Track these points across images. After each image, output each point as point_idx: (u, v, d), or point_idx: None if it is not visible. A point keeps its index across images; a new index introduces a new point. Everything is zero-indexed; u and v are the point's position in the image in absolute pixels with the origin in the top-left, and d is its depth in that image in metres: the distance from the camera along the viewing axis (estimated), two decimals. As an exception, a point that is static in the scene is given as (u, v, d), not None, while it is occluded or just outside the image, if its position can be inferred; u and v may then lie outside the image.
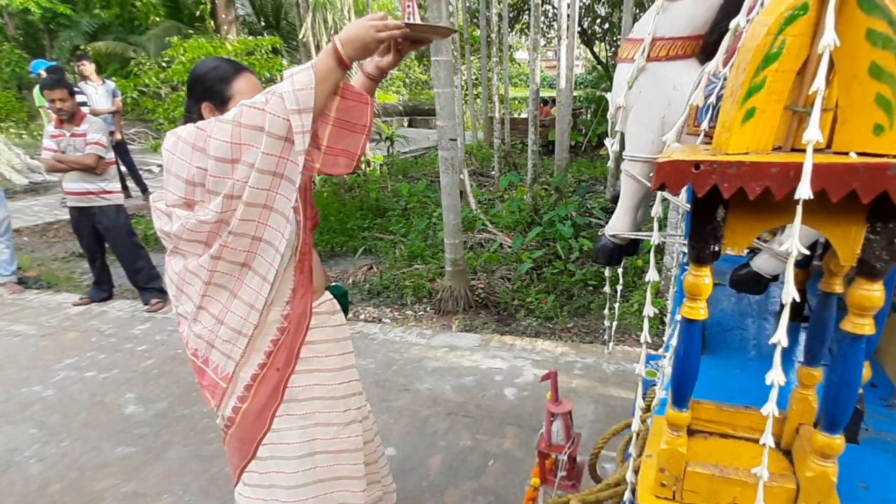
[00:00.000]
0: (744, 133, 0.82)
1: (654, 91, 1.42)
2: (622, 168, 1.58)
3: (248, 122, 1.30)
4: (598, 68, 11.35)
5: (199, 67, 1.55)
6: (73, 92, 4.01)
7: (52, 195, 8.68)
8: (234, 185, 1.34)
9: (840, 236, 0.80)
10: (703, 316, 0.89)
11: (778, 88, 0.82)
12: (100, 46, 14.33)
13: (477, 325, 4.49)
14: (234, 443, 1.62)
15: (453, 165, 4.31)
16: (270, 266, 1.45)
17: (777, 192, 0.75)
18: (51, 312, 4.50)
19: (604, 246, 1.71)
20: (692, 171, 0.77)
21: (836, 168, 0.73)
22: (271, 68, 5.76)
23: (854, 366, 0.84)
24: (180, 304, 1.56)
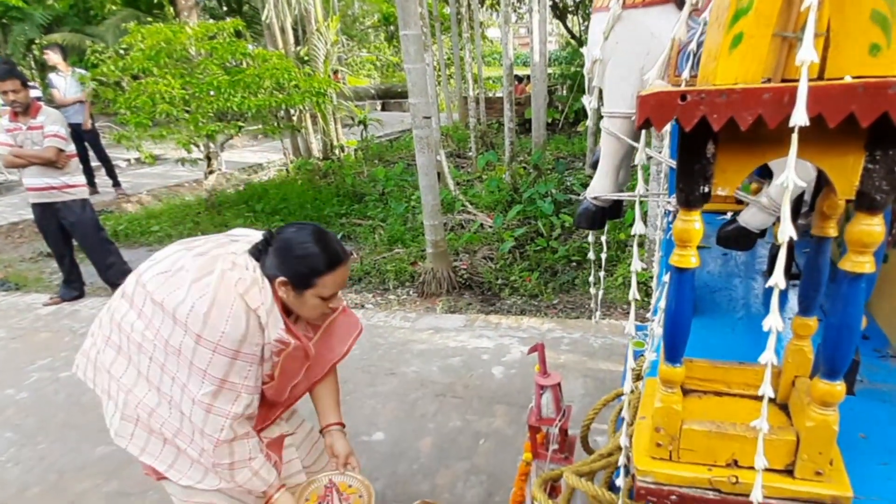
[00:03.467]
0: (731, 62, 0.76)
1: (632, 40, 1.36)
2: (602, 126, 1.53)
3: (216, 449, 1.42)
4: (572, 43, 11.26)
5: (299, 245, 1.44)
6: (25, 83, 3.83)
7: (14, 195, 8.43)
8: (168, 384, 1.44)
9: (837, 168, 0.75)
10: (693, 264, 0.83)
11: (766, 11, 0.76)
12: (55, 39, 13.81)
13: (461, 305, 4.45)
14: None
15: (429, 145, 4.22)
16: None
17: (770, 121, 0.70)
18: (20, 314, 4.35)
19: (586, 209, 1.66)
20: (678, 102, 0.71)
21: (832, 90, 0.68)
22: (234, 52, 5.56)
23: (854, 307, 0.80)
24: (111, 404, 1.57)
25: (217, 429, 1.39)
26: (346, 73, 9.85)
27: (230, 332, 1.34)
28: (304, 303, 1.47)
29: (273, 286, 1.44)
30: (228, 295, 1.35)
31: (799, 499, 0.84)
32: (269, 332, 1.42)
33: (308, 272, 1.43)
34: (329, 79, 6.93)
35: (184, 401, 1.39)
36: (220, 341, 1.34)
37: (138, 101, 5.02)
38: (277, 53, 6.29)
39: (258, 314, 1.38)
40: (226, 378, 1.38)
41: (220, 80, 5.17)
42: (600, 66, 1.44)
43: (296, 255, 1.43)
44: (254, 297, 1.38)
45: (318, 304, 1.48)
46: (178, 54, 5.37)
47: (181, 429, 1.42)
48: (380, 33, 16.36)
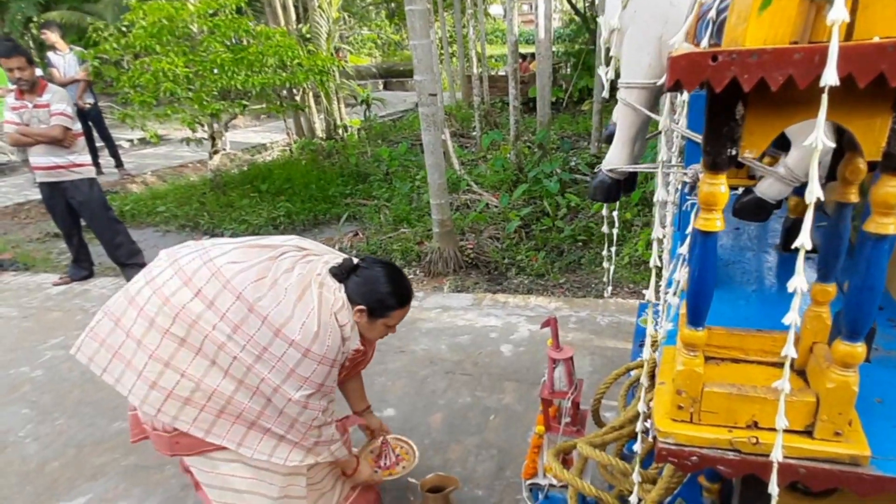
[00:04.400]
0: (761, 24, 0.76)
1: (651, 9, 1.34)
2: (618, 97, 1.52)
3: (312, 434, 1.67)
4: (576, 20, 11.11)
5: (380, 282, 1.72)
6: (31, 60, 3.79)
7: (19, 175, 8.40)
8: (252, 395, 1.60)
9: (865, 129, 0.76)
10: (719, 227, 0.84)
11: (796, -28, 0.76)
12: (54, 16, 13.65)
13: (468, 284, 4.47)
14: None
15: (435, 122, 4.20)
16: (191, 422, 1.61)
17: (801, 81, 0.70)
18: (31, 293, 4.38)
19: (601, 182, 1.65)
20: (709, 63, 0.72)
21: (863, 49, 0.68)
22: (237, 29, 5.49)
23: (878, 269, 0.81)
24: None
25: (310, 419, 1.62)
26: (347, 51, 9.75)
27: (332, 345, 1.58)
28: (374, 328, 1.75)
29: (353, 309, 1.68)
30: (327, 314, 1.59)
31: (818, 458, 0.86)
32: (350, 344, 1.67)
33: (384, 307, 1.72)
34: (332, 57, 6.86)
35: (276, 397, 1.56)
36: (325, 354, 1.57)
37: (142, 79, 4.97)
38: (280, 31, 6.21)
39: (344, 331, 1.63)
40: (323, 383, 1.61)
41: (224, 58, 5.12)
42: (618, 36, 1.43)
43: (377, 292, 1.71)
44: (343, 316, 1.63)
45: (383, 331, 1.79)
46: (181, 31, 5.30)
47: (264, 412, 1.58)
48: (381, 10, 16.14)
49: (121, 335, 1.58)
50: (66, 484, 2.41)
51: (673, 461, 0.92)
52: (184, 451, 1.64)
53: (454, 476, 2.12)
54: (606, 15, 1.44)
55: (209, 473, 1.66)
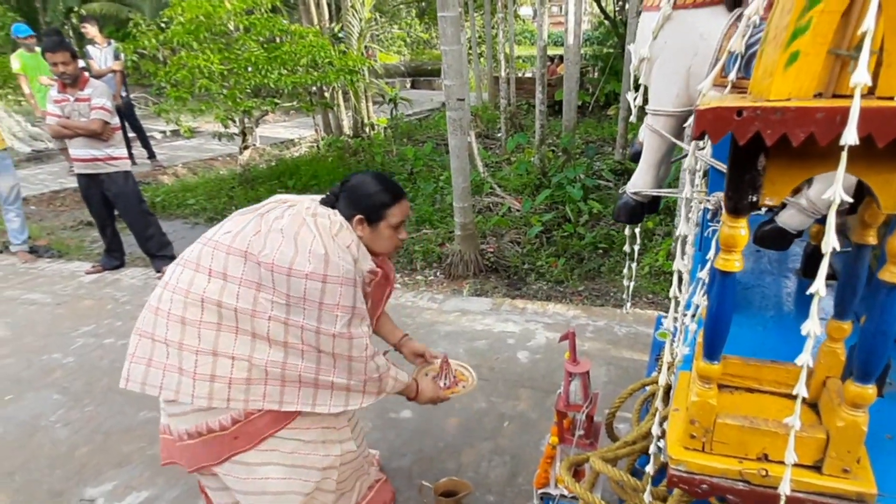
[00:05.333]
0: (786, 78, 0.79)
1: (681, 40, 1.38)
2: (645, 122, 1.55)
3: (355, 366, 1.65)
4: (605, 24, 11.03)
5: (365, 185, 1.70)
6: (75, 55, 3.93)
7: (55, 163, 8.62)
8: (304, 344, 1.60)
9: (883, 184, 0.78)
10: (738, 268, 0.88)
11: (823, 30, 0.78)
12: (94, 8, 13.99)
13: (488, 289, 4.50)
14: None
15: (461, 127, 4.24)
16: (246, 401, 1.63)
17: (822, 139, 0.73)
18: (64, 281, 4.53)
19: (626, 203, 1.69)
20: (734, 118, 0.75)
21: (884, 112, 0.71)
22: (272, 28, 5.60)
23: (891, 316, 0.83)
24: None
25: (362, 348, 1.62)
26: (377, 50, 9.83)
27: (346, 265, 1.55)
28: (379, 235, 1.70)
29: (352, 225, 1.66)
30: (328, 238, 1.57)
31: (825, 494, 0.89)
32: (362, 264, 1.64)
33: (378, 206, 1.67)
34: (363, 57, 6.94)
35: (321, 341, 1.57)
36: (343, 274, 1.54)
37: (178, 75, 5.11)
38: (314, 31, 6.30)
39: (351, 251, 1.60)
40: (354, 304, 1.58)
41: (258, 56, 5.23)
42: (647, 64, 1.46)
43: (367, 195, 1.67)
44: (345, 236, 1.61)
45: (390, 235, 1.72)
46: (217, 29, 5.43)
47: (320, 366, 1.61)
48: (411, 9, 16.22)
49: (161, 347, 1.59)
50: (93, 469, 2.49)
51: (684, 488, 0.96)
52: (240, 446, 1.64)
53: (467, 481, 2.16)
54: (637, 44, 1.48)
55: (245, 480, 1.66)
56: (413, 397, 1.90)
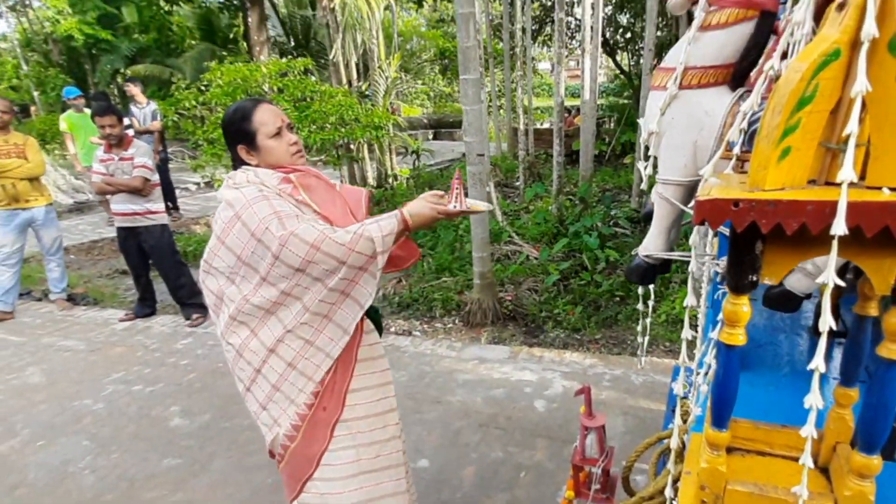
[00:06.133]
0: (780, 170, 0.86)
1: (687, 117, 1.48)
2: (655, 190, 1.63)
3: (326, 250, 1.46)
4: (621, 77, 11.35)
5: (225, 115, 1.69)
6: (121, 118, 4.23)
7: (95, 214, 9.04)
8: (295, 287, 1.51)
9: (875, 267, 0.84)
10: (741, 342, 0.93)
11: (812, 127, 0.87)
12: (139, 69, 14.92)
13: (505, 337, 4.52)
14: (284, 476, 1.72)
15: (481, 180, 4.38)
16: (318, 369, 1.59)
17: (813, 228, 0.80)
18: (98, 328, 4.69)
19: (638, 265, 1.76)
20: (731, 208, 0.83)
21: (870, 206, 0.77)
22: (304, 89, 5.94)
23: (891, 390, 0.88)
24: (236, 381, 1.70)
25: (312, 233, 1.46)
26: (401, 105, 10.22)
27: (247, 193, 1.52)
28: (268, 151, 1.62)
29: (243, 161, 1.64)
30: (230, 192, 1.56)
31: (836, 561, 0.91)
32: (268, 183, 1.57)
33: (242, 121, 1.61)
34: (388, 113, 7.24)
35: (282, 257, 1.46)
36: (248, 199, 1.51)
37: (215, 133, 5.40)
38: (342, 90, 6.64)
39: (250, 181, 1.57)
40: (274, 210, 1.49)
41: (290, 116, 5.51)
42: (656, 138, 1.56)
43: (230, 122, 1.64)
44: (239, 178, 1.58)
45: (276, 145, 1.63)
46: (253, 90, 5.78)
47: (310, 287, 1.51)
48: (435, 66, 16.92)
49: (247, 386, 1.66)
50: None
51: (697, 552, 0.99)
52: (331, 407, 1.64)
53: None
54: (646, 119, 1.58)
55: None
56: (407, 227, 1.60)
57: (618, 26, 11.54)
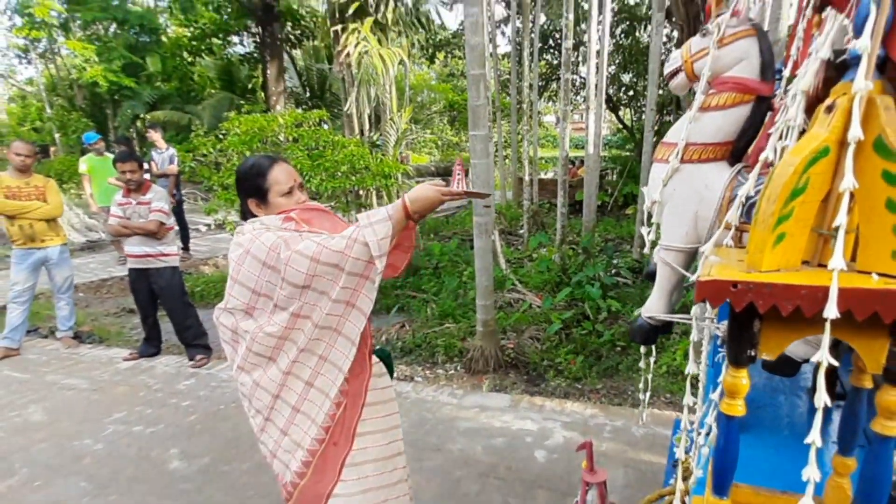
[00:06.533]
0: (775, 254, 0.94)
1: (688, 189, 1.57)
2: (658, 255, 1.71)
3: (326, 261, 1.50)
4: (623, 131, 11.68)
5: (240, 168, 1.77)
6: (142, 165, 4.40)
7: (106, 253, 9.15)
8: (303, 305, 1.54)
9: (866, 348, 0.90)
10: (741, 412, 0.98)
11: (804, 216, 0.94)
12: (158, 115, 15.50)
13: (507, 384, 4.52)
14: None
15: (486, 230, 4.48)
16: (332, 384, 1.61)
17: (807, 311, 0.86)
18: (102, 367, 4.70)
19: (640, 326, 1.82)
20: (731, 289, 0.90)
21: (859, 293, 0.84)
22: (318, 139, 6.15)
23: (885, 464, 0.92)
24: (252, 417, 1.72)
25: (311, 248, 1.51)
26: (410, 154, 10.51)
27: (254, 232, 1.60)
28: (277, 207, 1.70)
29: (252, 213, 1.71)
30: (241, 236, 1.63)
31: None
32: (273, 224, 1.63)
33: (257, 177, 1.69)
34: (397, 163, 7.45)
35: (287, 277, 1.51)
36: (255, 235, 1.59)
37: (230, 179, 5.56)
38: (355, 141, 6.88)
39: (256, 230, 1.62)
40: (280, 236, 1.55)
41: (303, 164, 5.71)
42: (659, 207, 1.64)
43: (244, 176, 1.71)
44: (247, 229, 1.64)
45: (286, 203, 1.70)
46: (270, 140, 6.00)
47: (317, 304, 1.54)
48: (444, 117, 17.48)
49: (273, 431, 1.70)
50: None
51: None
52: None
53: None
54: (649, 188, 1.67)
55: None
56: (408, 212, 1.58)
57: (621, 84, 12.02)
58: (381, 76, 8.33)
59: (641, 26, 11.16)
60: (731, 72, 1.49)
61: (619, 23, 11.27)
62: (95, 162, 7.58)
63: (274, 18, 14.05)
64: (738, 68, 1.47)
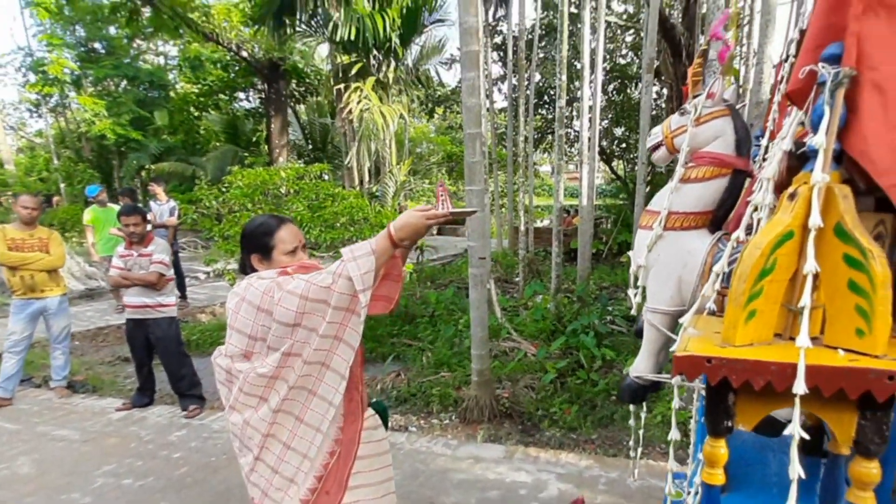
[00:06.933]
0: (747, 329, 1.00)
1: (671, 255, 1.65)
2: (645, 317, 1.77)
3: (314, 297, 1.54)
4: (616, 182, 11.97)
5: (248, 225, 1.85)
6: (146, 218, 4.48)
7: (104, 301, 9.18)
8: (294, 344, 1.58)
9: (836, 421, 0.95)
10: (721, 481, 1.02)
11: (773, 293, 1.01)
12: (163, 167, 15.85)
13: (501, 434, 4.48)
14: None
15: (482, 281, 4.54)
16: (323, 418, 1.63)
17: (777, 386, 0.92)
18: (94, 417, 4.65)
19: (629, 385, 1.87)
20: (706, 364, 0.95)
21: (825, 370, 0.90)
22: (318, 192, 6.32)
23: (861, 534, 0.96)
24: (242, 456, 1.73)
25: (300, 286, 1.56)
26: (409, 204, 10.72)
27: (248, 284, 1.67)
28: (279, 265, 1.74)
29: (253, 268, 1.77)
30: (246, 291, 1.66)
31: None
32: (269, 276, 1.67)
33: (264, 235, 1.76)
34: (396, 213, 7.61)
35: (277, 316, 1.57)
36: (248, 283, 1.66)
37: (231, 231, 5.69)
38: (354, 193, 7.06)
39: (255, 284, 1.65)
40: (273, 279, 1.63)
41: (303, 215, 5.85)
42: (644, 271, 1.72)
43: (251, 234, 1.79)
44: (244, 282, 1.69)
45: (288, 261, 1.75)
46: (271, 192, 6.19)
47: (308, 341, 1.57)
48: (442, 168, 17.89)
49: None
50: None
51: None
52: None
53: None
54: (635, 254, 1.76)
55: None
56: (396, 242, 1.59)
57: (613, 137, 12.41)
58: (382, 131, 8.61)
59: (632, 84, 11.61)
60: (709, 147, 1.59)
61: (611, 80, 11.73)
62: (99, 213, 7.76)
63: (280, 76, 14.65)
64: (714, 144, 1.57)
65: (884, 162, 0.94)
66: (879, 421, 0.94)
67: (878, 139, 0.93)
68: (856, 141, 0.96)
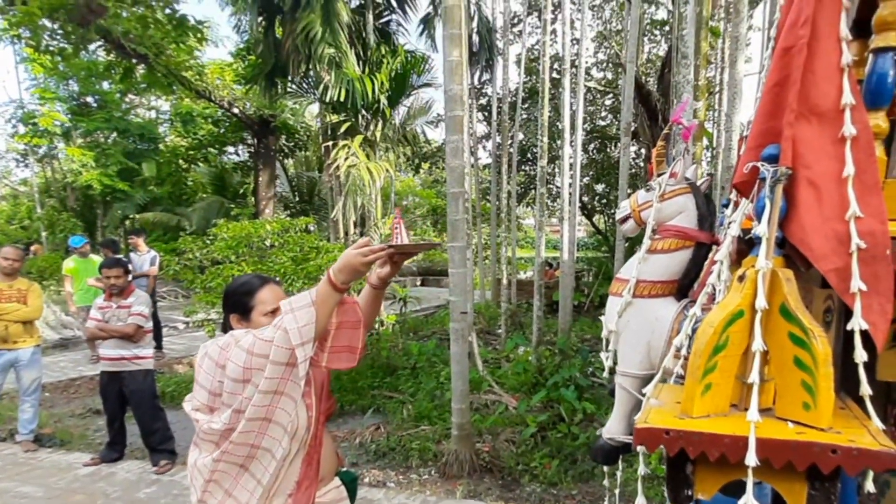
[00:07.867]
0: (704, 401, 1.06)
1: (640, 321, 1.73)
2: (616, 380, 1.83)
3: (258, 352, 1.52)
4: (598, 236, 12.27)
5: (230, 284, 1.86)
6: (127, 270, 4.48)
7: (79, 351, 8.99)
8: (242, 401, 1.56)
9: (788, 491, 1.01)
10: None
11: (728, 367, 1.08)
12: (148, 217, 15.85)
13: (481, 490, 4.41)
14: None
15: (463, 335, 4.57)
16: (265, 471, 1.60)
17: (731, 458, 0.98)
18: (60, 473, 4.48)
19: (601, 447, 1.91)
20: (664, 436, 1.01)
21: (774, 443, 0.96)
22: (303, 245, 6.38)
23: None
24: (192, 494, 1.70)
25: (249, 342, 1.54)
26: (392, 258, 10.85)
27: (220, 338, 1.65)
28: (257, 325, 1.69)
29: (232, 326, 1.74)
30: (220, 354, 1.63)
31: None
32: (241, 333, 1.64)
33: (246, 294, 1.75)
34: (377, 265, 7.69)
35: (228, 371, 1.56)
36: (212, 342, 1.65)
37: (213, 283, 5.69)
38: (339, 246, 7.13)
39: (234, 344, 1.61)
40: (233, 336, 1.61)
41: (287, 268, 5.89)
42: (615, 336, 1.79)
43: (234, 292, 1.79)
44: (211, 341, 1.67)
45: (267, 322, 1.66)
46: (256, 245, 6.24)
47: (253, 399, 1.53)
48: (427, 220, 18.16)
49: None
50: None
51: None
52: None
53: None
54: (606, 318, 1.83)
55: None
56: (335, 285, 1.52)
57: (594, 193, 12.79)
58: (368, 187, 8.81)
59: (612, 143, 12.09)
60: (673, 221, 1.69)
61: (591, 140, 12.21)
62: (79, 263, 7.73)
63: (270, 132, 14.95)
64: (678, 219, 1.68)
65: (822, 249, 1.03)
66: (827, 491, 0.99)
67: (815, 229, 1.03)
68: (796, 230, 1.05)
